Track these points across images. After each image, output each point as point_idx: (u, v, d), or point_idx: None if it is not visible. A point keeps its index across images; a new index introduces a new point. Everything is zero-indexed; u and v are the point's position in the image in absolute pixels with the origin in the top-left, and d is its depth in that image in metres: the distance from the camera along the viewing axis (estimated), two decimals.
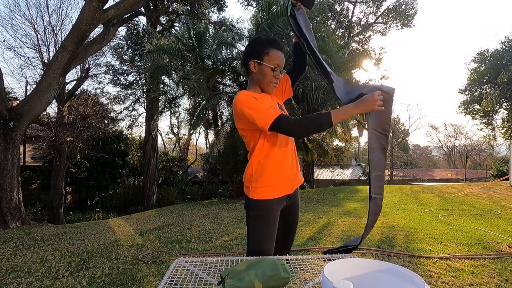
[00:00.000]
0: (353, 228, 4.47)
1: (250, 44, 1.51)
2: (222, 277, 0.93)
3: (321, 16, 15.55)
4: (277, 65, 1.42)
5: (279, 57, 1.43)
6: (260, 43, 1.45)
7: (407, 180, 25.66)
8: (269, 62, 1.41)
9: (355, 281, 0.69)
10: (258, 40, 1.48)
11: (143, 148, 15.13)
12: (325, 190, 10.71)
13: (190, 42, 8.47)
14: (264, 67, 1.41)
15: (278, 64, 1.42)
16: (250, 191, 1.37)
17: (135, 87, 16.32)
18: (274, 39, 1.48)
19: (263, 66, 1.41)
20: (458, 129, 37.09)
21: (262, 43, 1.45)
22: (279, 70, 1.43)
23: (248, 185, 1.39)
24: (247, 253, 1.37)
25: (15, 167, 5.99)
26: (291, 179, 1.43)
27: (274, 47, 1.43)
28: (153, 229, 5.05)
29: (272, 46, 1.43)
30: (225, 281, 0.90)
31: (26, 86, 10.12)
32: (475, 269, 2.69)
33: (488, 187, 9.25)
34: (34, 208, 10.25)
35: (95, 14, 5.69)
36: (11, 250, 3.88)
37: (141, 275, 2.82)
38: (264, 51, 1.42)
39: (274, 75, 1.43)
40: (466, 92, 19.91)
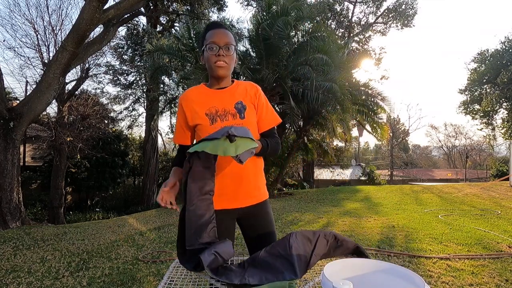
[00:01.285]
0: (353, 228, 4.47)
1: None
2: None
3: (321, 16, 15.56)
4: (212, 42, 1.23)
5: (214, 34, 1.25)
6: (202, 35, 1.32)
7: (407, 180, 25.66)
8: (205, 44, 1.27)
9: (355, 281, 0.69)
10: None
11: (143, 148, 15.13)
12: (325, 190, 10.71)
13: (190, 42, 8.47)
14: (205, 52, 1.27)
15: (213, 41, 1.23)
16: None
17: (135, 87, 16.31)
18: (212, 22, 1.36)
19: (204, 52, 1.28)
20: (458, 129, 37.11)
21: (203, 33, 1.31)
22: (217, 46, 1.23)
23: None
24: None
25: (15, 167, 5.99)
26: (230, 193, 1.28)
27: (208, 29, 1.29)
28: (153, 229, 5.05)
29: (207, 29, 1.29)
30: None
31: (26, 86, 10.12)
32: (475, 269, 2.69)
33: (488, 187, 9.25)
34: (34, 208, 10.25)
35: (95, 14, 5.69)
36: (11, 250, 3.88)
37: (141, 275, 2.81)
38: (203, 39, 1.29)
39: (211, 54, 1.24)
40: (466, 92, 19.92)
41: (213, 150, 1.04)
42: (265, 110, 1.35)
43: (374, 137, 10.36)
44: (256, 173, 1.33)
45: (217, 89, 1.31)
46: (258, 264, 0.98)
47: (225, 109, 1.27)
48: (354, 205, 7.15)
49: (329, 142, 12.58)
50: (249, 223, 1.34)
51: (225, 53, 1.24)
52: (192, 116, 1.29)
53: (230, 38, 1.26)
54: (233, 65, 1.31)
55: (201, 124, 1.26)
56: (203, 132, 1.26)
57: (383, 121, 10.04)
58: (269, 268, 0.96)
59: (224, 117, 1.26)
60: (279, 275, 0.92)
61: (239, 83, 1.35)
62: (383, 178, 21.79)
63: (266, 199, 1.37)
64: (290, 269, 0.92)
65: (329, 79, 7.32)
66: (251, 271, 0.96)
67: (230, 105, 1.27)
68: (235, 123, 1.24)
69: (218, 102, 1.28)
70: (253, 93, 1.33)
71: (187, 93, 1.34)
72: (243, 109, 1.28)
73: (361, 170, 22.14)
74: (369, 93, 9.23)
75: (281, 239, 1.04)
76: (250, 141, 1.07)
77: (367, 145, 47.79)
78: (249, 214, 1.33)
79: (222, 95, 1.30)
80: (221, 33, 1.25)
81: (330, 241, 1.04)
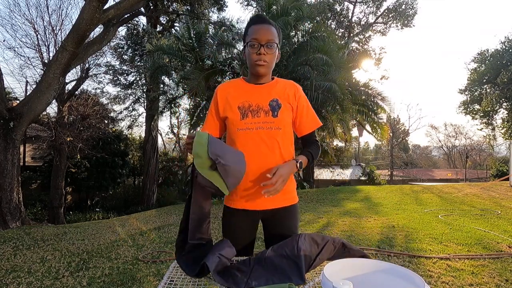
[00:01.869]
0: (353, 228, 4.47)
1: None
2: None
3: (321, 16, 15.55)
4: (253, 39, 1.20)
5: (257, 30, 1.21)
6: (245, 28, 1.29)
7: (407, 180, 25.66)
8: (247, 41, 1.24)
9: (355, 281, 0.69)
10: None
11: (143, 148, 15.13)
12: (325, 190, 10.71)
13: (190, 42, 8.46)
14: (246, 48, 1.24)
15: (255, 38, 1.20)
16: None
17: (135, 87, 16.30)
18: (256, 16, 1.30)
19: (245, 48, 1.25)
20: (458, 129, 37.10)
21: (246, 27, 1.28)
22: (258, 44, 1.19)
23: None
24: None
25: (15, 167, 5.99)
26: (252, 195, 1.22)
27: (251, 23, 1.24)
28: (153, 229, 5.05)
29: (250, 24, 1.25)
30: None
31: (26, 86, 10.12)
32: (475, 269, 2.69)
33: (488, 187, 9.25)
34: (34, 208, 10.25)
35: (95, 14, 5.69)
36: (11, 250, 3.88)
37: (141, 275, 2.81)
38: (245, 34, 1.26)
39: (252, 51, 1.21)
40: (466, 92, 19.92)
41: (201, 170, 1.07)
42: (305, 113, 1.31)
43: (374, 137, 10.36)
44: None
45: (255, 84, 1.29)
46: (264, 264, 0.98)
47: (259, 105, 1.23)
48: (354, 205, 7.15)
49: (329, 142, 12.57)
50: (271, 225, 1.29)
51: (266, 51, 1.20)
52: (224, 107, 1.27)
53: (273, 35, 1.21)
54: (274, 62, 1.27)
55: (231, 117, 1.24)
56: (233, 126, 1.24)
57: (383, 121, 10.04)
58: (275, 269, 0.95)
59: (256, 112, 1.23)
60: (285, 279, 0.91)
61: (279, 81, 1.32)
62: (383, 178, 21.79)
63: (293, 203, 1.30)
64: (297, 273, 0.92)
65: (329, 79, 7.31)
66: (257, 272, 0.95)
67: (265, 101, 1.24)
68: (267, 120, 1.22)
69: (253, 97, 1.25)
70: (292, 93, 1.28)
71: (224, 84, 1.33)
72: (278, 108, 1.24)
73: (361, 170, 22.14)
74: (369, 93, 9.23)
75: (289, 239, 1.03)
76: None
77: (367, 145, 47.82)
78: (273, 217, 1.27)
79: (258, 91, 1.26)
80: (264, 30, 1.20)
81: (337, 248, 1.04)
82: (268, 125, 1.22)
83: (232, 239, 1.24)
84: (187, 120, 10.43)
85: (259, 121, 1.22)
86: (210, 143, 1.06)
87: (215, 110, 1.30)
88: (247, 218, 1.26)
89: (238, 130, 1.23)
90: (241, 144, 1.22)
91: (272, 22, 1.25)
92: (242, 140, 1.22)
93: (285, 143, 1.25)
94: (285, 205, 1.27)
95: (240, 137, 1.23)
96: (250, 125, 1.22)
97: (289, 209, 1.28)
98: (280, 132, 1.23)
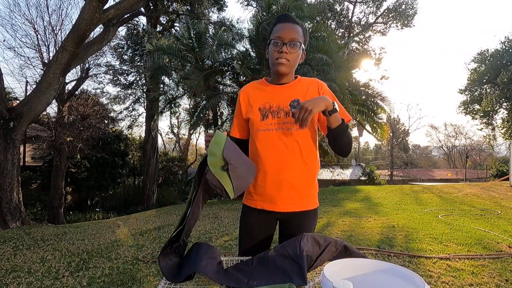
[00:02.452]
0: (353, 228, 4.47)
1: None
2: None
3: (321, 16, 15.55)
4: (277, 37, 1.19)
5: (281, 28, 1.19)
6: (270, 27, 1.27)
7: (407, 180, 25.66)
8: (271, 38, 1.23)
9: (355, 281, 0.69)
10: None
11: (143, 148, 15.13)
12: (325, 190, 10.71)
13: (190, 42, 8.46)
14: (269, 46, 1.23)
15: (278, 36, 1.18)
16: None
17: (135, 87, 16.31)
18: (282, 14, 1.26)
19: (268, 46, 1.24)
20: (458, 129, 37.13)
21: (272, 25, 1.26)
22: (281, 43, 1.18)
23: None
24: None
25: (15, 167, 5.99)
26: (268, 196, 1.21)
27: (277, 22, 1.23)
28: (153, 229, 5.05)
29: (276, 22, 1.23)
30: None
31: (26, 86, 10.12)
32: (475, 269, 2.69)
33: (488, 187, 9.25)
34: (34, 208, 10.25)
35: (95, 14, 5.69)
36: (11, 250, 3.88)
37: (141, 275, 2.81)
38: (270, 32, 1.24)
39: (274, 49, 1.20)
40: (466, 92, 19.93)
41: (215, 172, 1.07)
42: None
43: (374, 137, 10.36)
44: (303, 179, 1.22)
45: (276, 84, 1.27)
46: (267, 264, 0.98)
47: (279, 106, 1.22)
48: (354, 205, 7.15)
49: None
50: (288, 228, 1.26)
51: (289, 50, 1.18)
52: (247, 109, 1.28)
53: (297, 34, 1.19)
54: (297, 62, 1.25)
55: (252, 118, 1.24)
56: (253, 127, 1.24)
57: (383, 121, 10.03)
58: (277, 269, 0.95)
59: (276, 113, 1.21)
60: (287, 279, 0.91)
61: (302, 80, 1.29)
62: (383, 178, 21.79)
63: (313, 208, 1.26)
64: (299, 274, 0.91)
65: (329, 79, 7.31)
66: (259, 272, 0.95)
67: (286, 102, 1.22)
68: (287, 121, 1.19)
69: (274, 98, 1.24)
70: (316, 91, 1.25)
71: (247, 86, 1.33)
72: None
73: (361, 170, 22.14)
74: (369, 93, 9.23)
75: (292, 240, 1.03)
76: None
77: (367, 145, 47.83)
78: (289, 220, 1.24)
79: (279, 91, 1.25)
80: (289, 28, 1.18)
81: (339, 250, 1.04)
82: (288, 125, 1.19)
83: (249, 238, 1.28)
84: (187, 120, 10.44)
85: (279, 121, 1.20)
86: (226, 145, 1.07)
87: (239, 112, 1.32)
88: (265, 218, 1.26)
89: (258, 131, 1.22)
90: (261, 145, 1.21)
91: (298, 22, 1.22)
92: (262, 141, 1.21)
93: (306, 144, 1.22)
94: (304, 209, 1.24)
95: (260, 138, 1.22)
96: (270, 126, 1.21)
97: (308, 214, 1.25)
98: (300, 132, 1.20)
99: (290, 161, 1.19)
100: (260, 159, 1.19)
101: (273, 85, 1.27)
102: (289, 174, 1.19)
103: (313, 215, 1.27)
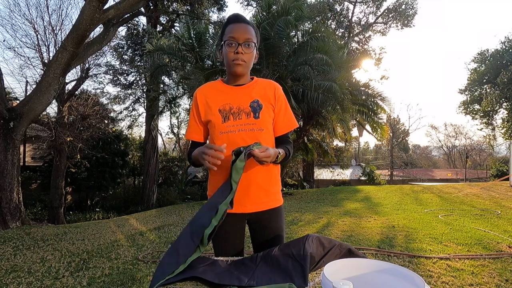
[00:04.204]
0: (353, 228, 4.47)
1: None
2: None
3: (321, 16, 15.56)
4: (231, 37, 1.17)
5: (234, 29, 1.17)
6: (222, 28, 1.24)
7: (407, 180, 25.65)
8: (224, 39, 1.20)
9: (355, 281, 0.69)
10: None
11: (143, 148, 15.13)
12: (325, 190, 10.72)
13: (190, 42, 8.47)
14: (223, 47, 1.20)
15: (232, 37, 1.16)
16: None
17: (135, 87, 16.32)
18: (233, 15, 1.23)
19: (222, 47, 1.21)
20: (458, 129, 37.17)
21: (223, 26, 1.23)
22: (236, 43, 1.16)
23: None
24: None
25: (15, 167, 5.99)
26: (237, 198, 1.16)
27: (229, 22, 1.21)
28: (153, 229, 5.05)
29: (228, 23, 1.21)
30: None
31: (26, 86, 10.10)
32: (475, 269, 2.69)
33: (488, 187, 9.25)
34: (34, 208, 10.25)
35: (95, 14, 5.69)
36: (11, 250, 3.88)
37: (141, 275, 2.81)
38: (222, 33, 1.22)
39: (229, 50, 1.17)
40: (466, 92, 19.95)
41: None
42: (282, 113, 1.28)
43: (374, 137, 10.37)
44: (269, 179, 1.26)
45: (234, 85, 1.26)
46: (270, 262, 0.98)
47: (240, 107, 1.21)
48: (354, 205, 7.15)
49: (329, 142, 12.58)
50: (258, 228, 1.28)
51: (245, 50, 1.17)
52: (206, 111, 1.24)
53: (251, 34, 1.19)
54: (252, 62, 1.25)
55: (213, 121, 1.21)
56: (215, 130, 1.21)
57: (383, 121, 10.06)
58: (279, 268, 0.95)
59: (237, 115, 1.21)
60: (288, 279, 0.91)
61: (258, 81, 1.29)
62: (383, 178, 21.79)
63: (279, 206, 1.30)
64: (301, 275, 0.91)
65: (329, 79, 7.32)
66: (261, 270, 0.96)
67: (246, 103, 1.22)
68: (248, 122, 1.20)
69: (233, 99, 1.23)
70: (272, 94, 1.26)
71: (203, 87, 1.29)
72: (259, 109, 1.22)
73: (361, 170, 22.13)
74: (369, 93, 9.24)
75: (297, 240, 1.03)
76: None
77: (367, 145, 47.86)
78: (258, 219, 1.27)
79: (238, 92, 1.24)
80: (242, 28, 1.17)
81: (343, 253, 1.04)
82: (250, 126, 1.20)
83: (222, 244, 1.25)
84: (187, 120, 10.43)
85: (241, 123, 1.19)
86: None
87: (197, 114, 1.27)
88: (234, 222, 1.24)
89: (221, 133, 1.20)
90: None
91: (250, 22, 1.21)
92: (225, 143, 1.15)
93: (268, 144, 1.22)
94: (270, 207, 1.26)
95: (222, 140, 1.19)
96: (232, 127, 1.20)
97: (275, 211, 1.28)
98: (262, 133, 1.21)
99: (255, 162, 1.15)
100: (223, 162, 1.10)
101: (231, 86, 1.25)
102: (256, 175, 1.21)
103: (280, 211, 1.31)
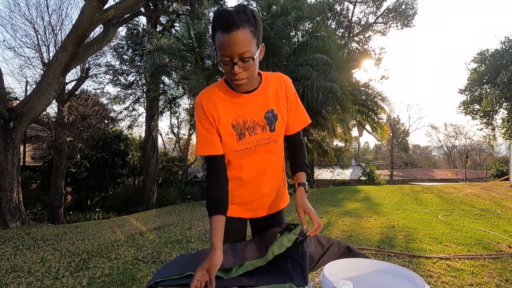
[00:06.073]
0: (353, 228, 4.47)
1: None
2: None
3: (321, 16, 15.56)
4: (223, 56, 0.95)
5: (224, 44, 0.93)
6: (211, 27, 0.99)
7: (407, 180, 25.65)
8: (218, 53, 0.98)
9: (355, 281, 0.69)
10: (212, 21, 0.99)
11: (143, 148, 15.13)
12: (325, 190, 10.71)
13: (190, 42, 8.48)
14: (220, 63, 0.98)
15: (224, 55, 0.94)
16: None
17: (135, 87, 16.31)
18: (219, 19, 0.94)
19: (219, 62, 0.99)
20: (458, 129, 37.17)
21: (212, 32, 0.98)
22: (230, 63, 0.95)
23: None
24: None
25: (15, 167, 5.99)
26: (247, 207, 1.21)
27: (217, 28, 0.95)
28: (153, 229, 5.05)
29: (215, 29, 0.96)
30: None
31: (26, 86, 10.11)
32: (475, 269, 2.69)
33: (488, 187, 9.24)
34: (34, 208, 10.24)
35: (95, 14, 5.69)
36: (11, 250, 3.88)
37: (141, 275, 2.81)
38: (213, 39, 0.98)
39: (225, 69, 0.98)
40: (466, 92, 19.96)
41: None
42: (294, 110, 1.17)
43: (374, 137, 10.38)
44: (281, 183, 1.24)
45: (244, 93, 1.07)
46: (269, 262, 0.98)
47: (254, 120, 1.08)
48: (354, 205, 7.14)
49: (329, 142, 12.57)
50: (263, 226, 1.27)
51: (242, 66, 0.96)
52: (217, 125, 1.07)
53: (245, 43, 0.93)
54: (257, 69, 1.04)
55: (227, 138, 1.07)
56: (228, 148, 1.08)
57: (383, 121, 10.07)
58: (278, 269, 0.96)
59: (252, 130, 1.08)
60: (288, 279, 0.91)
61: (268, 80, 1.12)
62: (383, 178, 21.79)
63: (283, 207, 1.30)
64: (301, 275, 0.91)
65: (329, 79, 7.32)
66: (260, 270, 0.96)
67: (260, 114, 1.08)
68: (264, 136, 1.10)
69: (246, 111, 1.08)
70: (284, 94, 1.13)
71: (208, 96, 1.08)
72: (274, 120, 1.10)
73: (361, 170, 22.13)
74: (369, 93, 9.24)
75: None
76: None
77: (367, 145, 47.86)
78: (265, 219, 1.27)
79: (250, 102, 1.08)
80: (233, 41, 0.92)
81: (341, 251, 1.04)
82: (266, 140, 1.12)
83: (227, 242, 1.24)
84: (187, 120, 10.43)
85: (257, 138, 1.09)
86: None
87: (208, 124, 1.07)
88: (239, 223, 1.25)
89: (236, 152, 1.09)
90: (238, 163, 1.13)
91: (240, 23, 0.91)
92: (241, 159, 1.12)
93: (280, 151, 1.20)
94: (280, 208, 1.27)
95: (239, 158, 1.12)
96: (248, 144, 1.09)
97: (282, 210, 1.29)
98: (277, 144, 1.16)
99: (270, 172, 1.16)
100: (237, 172, 1.11)
101: (240, 94, 1.07)
102: (270, 184, 1.19)
103: (283, 212, 1.31)
